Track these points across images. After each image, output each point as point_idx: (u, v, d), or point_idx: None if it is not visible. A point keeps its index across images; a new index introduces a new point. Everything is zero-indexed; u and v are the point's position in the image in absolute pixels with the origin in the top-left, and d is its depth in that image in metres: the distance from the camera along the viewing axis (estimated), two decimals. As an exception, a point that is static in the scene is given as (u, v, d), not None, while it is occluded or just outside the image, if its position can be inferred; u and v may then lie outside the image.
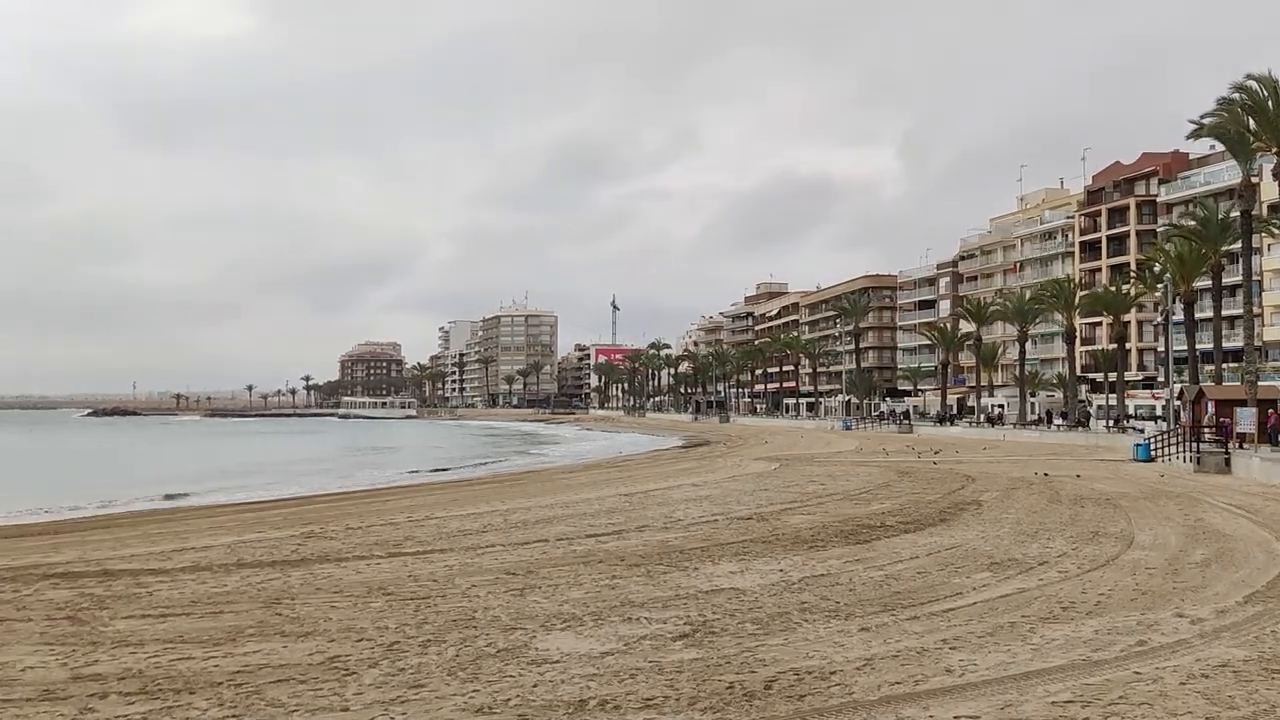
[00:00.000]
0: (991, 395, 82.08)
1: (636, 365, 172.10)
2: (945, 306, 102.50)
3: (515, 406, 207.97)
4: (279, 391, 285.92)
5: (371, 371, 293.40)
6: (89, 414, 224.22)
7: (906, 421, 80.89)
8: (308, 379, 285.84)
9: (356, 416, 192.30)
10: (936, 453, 44.75)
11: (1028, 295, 75.84)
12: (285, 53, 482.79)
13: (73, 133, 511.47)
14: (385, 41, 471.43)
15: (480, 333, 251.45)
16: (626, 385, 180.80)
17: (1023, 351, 73.13)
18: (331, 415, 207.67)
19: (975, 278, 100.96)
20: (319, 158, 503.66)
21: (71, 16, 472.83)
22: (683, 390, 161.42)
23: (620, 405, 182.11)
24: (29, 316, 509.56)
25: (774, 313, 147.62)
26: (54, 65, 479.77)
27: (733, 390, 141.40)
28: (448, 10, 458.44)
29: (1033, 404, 74.99)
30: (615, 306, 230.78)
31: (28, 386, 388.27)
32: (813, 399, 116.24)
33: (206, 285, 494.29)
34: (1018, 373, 75.03)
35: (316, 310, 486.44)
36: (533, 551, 15.85)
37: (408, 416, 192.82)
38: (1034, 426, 66.58)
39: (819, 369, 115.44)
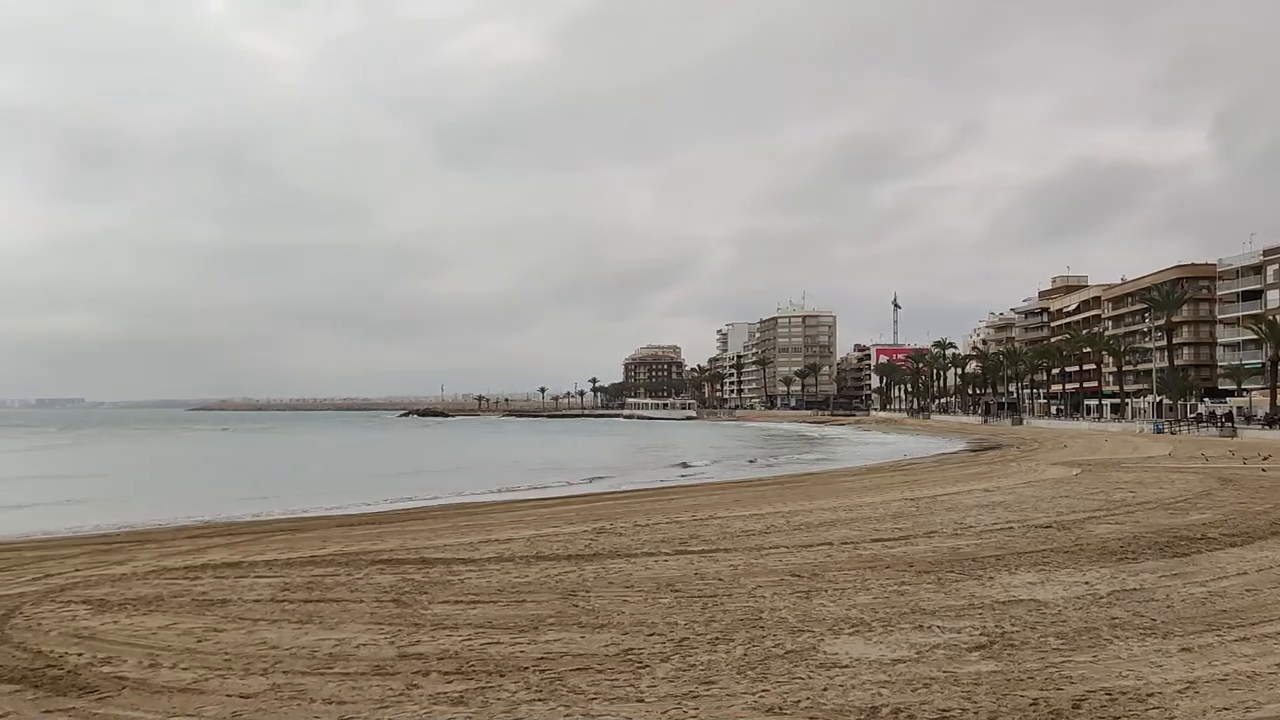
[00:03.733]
0: (1334, 395, 72.71)
1: (920, 365, 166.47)
2: (1274, 297, 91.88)
3: (793, 408, 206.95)
4: (568, 393, 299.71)
5: (653, 374, 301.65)
6: (403, 414, 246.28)
7: (1229, 424, 73.24)
8: (594, 381, 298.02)
9: (639, 417, 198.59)
10: (1265, 459, 40.18)
11: (1379, 281, 66.66)
12: (574, 73, 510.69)
13: (396, 160, 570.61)
14: (666, 53, 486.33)
15: (758, 334, 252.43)
16: (909, 386, 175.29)
17: (1373, 345, 64.38)
18: (616, 416, 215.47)
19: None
20: (607, 170, 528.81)
21: (395, 56, 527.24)
22: (970, 391, 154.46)
23: (903, 407, 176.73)
24: (356, 327, 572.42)
25: (1072, 307, 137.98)
26: (382, 100, 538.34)
27: (1026, 391, 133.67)
28: (726, 16, 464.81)
29: (1387, 405, 65.73)
30: (896, 305, 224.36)
31: (353, 390, 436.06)
32: (1117, 400, 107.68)
33: (505, 294, 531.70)
34: (1367, 369, 66.09)
35: (603, 315, 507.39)
36: (817, 554, 15.73)
37: (688, 417, 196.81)
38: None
39: (1124, 368, 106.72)
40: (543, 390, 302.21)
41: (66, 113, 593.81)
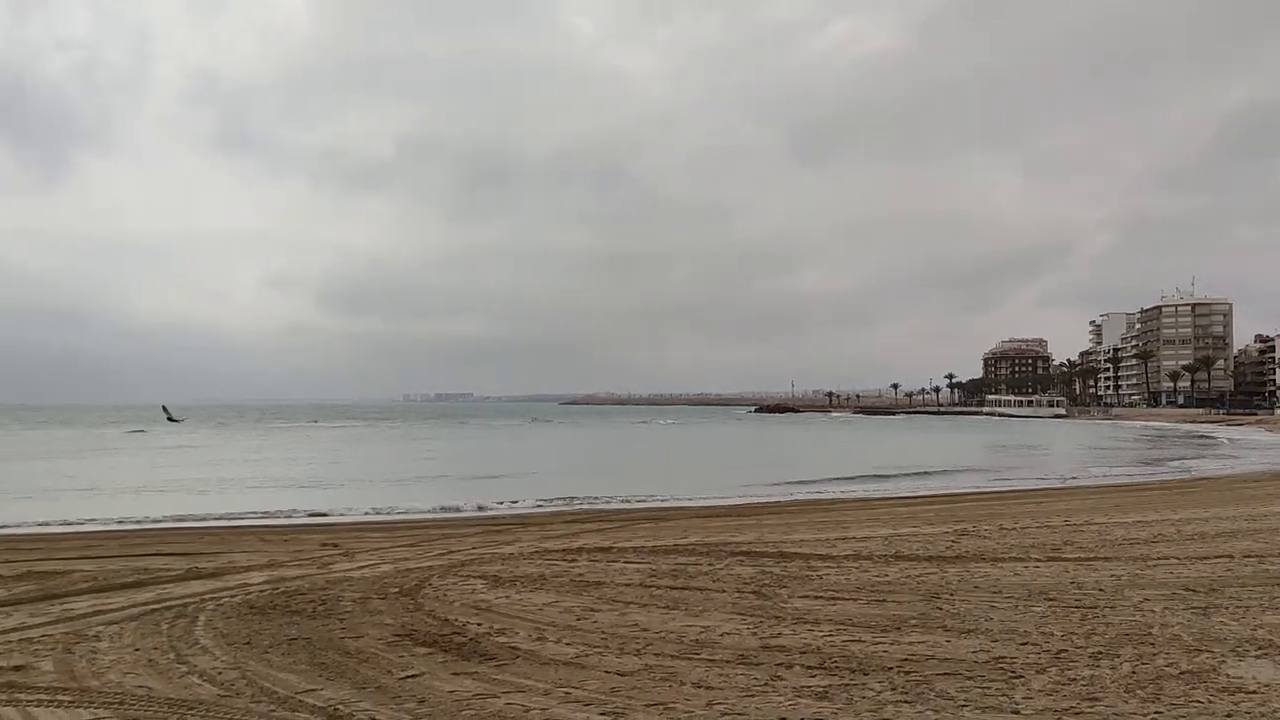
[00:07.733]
0: None
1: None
2: None
3: (1180, 406, 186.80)
4: (922, 390, 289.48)
5: (1016, 369, 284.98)
6: (753, 410, 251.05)
7: None
8: (951, 377, 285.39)
9: (1002, 415, 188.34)
10: None
11: None
12: (931, 62, 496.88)
13: (754, 161, 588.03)
14: (1027, 33, 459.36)
15: (1137, 325, 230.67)
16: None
17: None
18: (976, 413, 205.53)
19: None
20: (966, 158, 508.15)
21: (753, 59, 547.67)
22: None
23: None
24: (711, 325, 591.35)
25: None
26: (741, 104, 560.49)
27: None
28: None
29: None
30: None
31: (705, 385, 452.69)
32: None
33: (856, 290, 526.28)
34: None
35: (959, 308, 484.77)
36: (1214, 567, 14.14)
37: (1056, 415, 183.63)
38: None
39: None
40: (895, 386, 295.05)
41: (460, 140, 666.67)
